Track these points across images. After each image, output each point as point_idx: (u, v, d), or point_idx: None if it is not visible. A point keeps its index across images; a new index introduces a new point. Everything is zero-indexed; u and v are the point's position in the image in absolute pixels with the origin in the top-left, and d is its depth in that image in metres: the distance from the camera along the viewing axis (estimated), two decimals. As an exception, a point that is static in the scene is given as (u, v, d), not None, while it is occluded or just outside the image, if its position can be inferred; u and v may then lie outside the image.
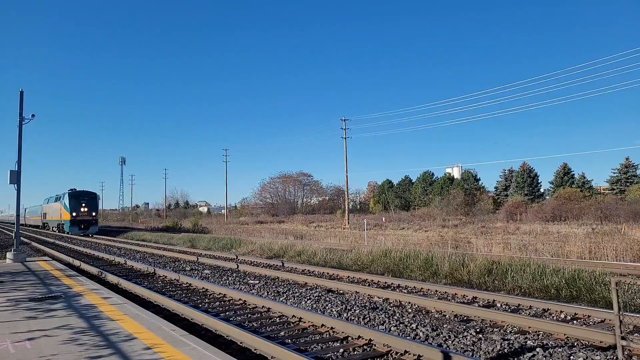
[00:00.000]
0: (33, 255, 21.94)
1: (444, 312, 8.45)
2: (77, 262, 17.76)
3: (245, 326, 7.56)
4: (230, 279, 13.18)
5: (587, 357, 5.68)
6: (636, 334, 6.29)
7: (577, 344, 6.33)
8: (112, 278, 13.17)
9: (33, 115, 16.87)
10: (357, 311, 8.48)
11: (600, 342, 6.30)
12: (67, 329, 6.33)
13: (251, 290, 11.23)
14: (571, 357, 5.72)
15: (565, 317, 8.02)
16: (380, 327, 7.43)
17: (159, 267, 15.78)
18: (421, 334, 6.89)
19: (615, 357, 5.68)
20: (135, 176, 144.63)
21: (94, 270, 15.17)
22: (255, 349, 6.26)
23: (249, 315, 8.56)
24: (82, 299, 8.74)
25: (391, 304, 9.23)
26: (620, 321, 5.70)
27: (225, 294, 10.49)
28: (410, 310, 8.68)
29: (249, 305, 9.39)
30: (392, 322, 7.64)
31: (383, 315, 8.07)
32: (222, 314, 8.57)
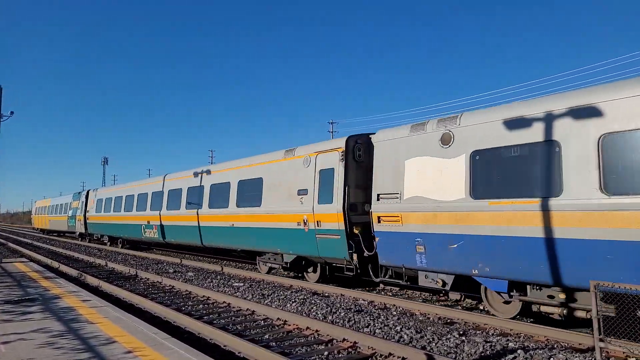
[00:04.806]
0: (9, 256, 21.35)
1: (428, 314, 8.50)
2: (55, 264, 17.35)
3: (229, 329, 7.49)
4: (214, 281, 13.04)
5: (566, 359, 5.78)
6: (613, 336, 6.42)
7: (557, 346, 6.43)
8: (92, 280, 12.90)
9: (12, 113, 16.44)
10: (342, 314, 8.47)
11: (580, 344, 6.42)
12: (44, 332, 6.17)
13: (235, 292, 11.13)
14: (551, 359, 5.81)
15: (552, 318, 8.13)
16: (365, 329, 7.43)
17: (142, 269, 15.52)
18: (405, 336, 6.92)
19: (593, 359, 5.79)
20: (117, 176, 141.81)
21: (73, 272, 14.84)
22: (239, 352, 6.19)
23: (233, 318, 8.47)
24: (61, 301, 8.54)
25: (376, 307, 9.25)
26: (599, 323, 5.81)
27: (209, 297, 10.37)
28: (395, 312, 8.71)
29: (233, 307, 9.31)
30: (377, 324, 7.65)
31: (368, 318, 8.08)
32: (205, 317, 8.47)
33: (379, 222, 9.60)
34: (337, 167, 10.66)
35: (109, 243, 28.15)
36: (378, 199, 9.71)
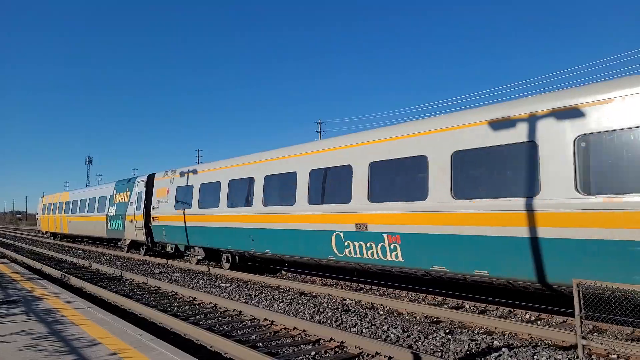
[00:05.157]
0: (-10, 257, 20.88)
1: (415, 313, 8.56)
2: (38, 265, 17.02)
3: (216, 330, 7.44)
4: (201, 281, 12.94)
5: (549, 356, 5.88)
6: (595, 334, 6.56)
7: (541, 344, 6.53)
8: (75, 281, 12.70)
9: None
10: (329, 314, 8.48)
11: (563, 341, 6.53)
12: (26, 335, 6.05)
13: (222, 293, 11.06)
14: (535, 357, 5.90)
15: (529, 317, 8.27)
16: (353, 329, 7.45)
17: (126, 270, 15.33)
18: (392, 335, 6.96)
19: (576, 356, 5.90)
20: (102, 176, 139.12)
21: (56, 273, 14.58)
22: (225, 353, 6.16)
23: (220, 318, 8.42)
24: (43, 303, 8.38)
25: (363, 307, 9.28)
26: (581, 321, 5.92)
27: (195, 297, 10.29)
28: (382, 312, 8.75)
29: (220, 308, 9.25)
30: (364, 324, 7.68)
31: (355, 318, 8.11)
32: (191, 318, 8.40)
33: None
34: None
35: (195, 260, 16.49)
36: None
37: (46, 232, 37.81)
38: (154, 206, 18.56)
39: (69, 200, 30.37)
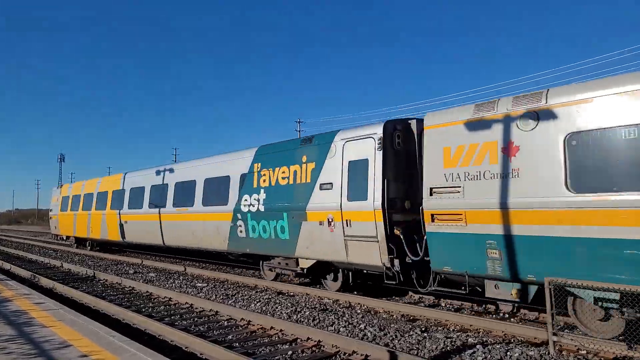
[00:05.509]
0: (-45, 257, 20.03)
1: (392, 312, 8.64)
2: (7, 265, 16.45)
3: (192, 330, 7.33)
4: (177, 282, 12.73)
5: (522, 352, 6.02)
6: (567, 330, 6.75)
7: (514, 341, 6.68)
8: (46, 282, 12.32)
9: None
10: (307, 313, 8.47)
11: (535, 338, 6.70)
12: (-9, 337, 5.82)
13: (199, 293, 10.92)
14: (508, 353, 6.03)
15: (503, 314, 8.44)
16: (330, 328, 7.46)
17: (100, 270, 14.96)
18: (369, 334, 7.00)
19: (547, 352, 6.06)
20: (75, 174, 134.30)
21: (25, 273, 14.12)
22: (201, 354, 6.08)
23: (196, 319, 8.30)
24: (12, 304, 8.09)
25: (341, 305, 9.31)
26: (552, 318, 6.09)
27: (171, 298, 10.12)
28: (359, 311, 8.80)
29: (196, 308, 9.12)
30: (341, 323, 7.70)
31: (333, 317, 8.12)
32: (167, 318, 8.26)
33: None
34: None
35: None
36: None
37: (67, 238, 25.67)
38: (433, 189, 8.09)
39: (122, 188, 18.54)
